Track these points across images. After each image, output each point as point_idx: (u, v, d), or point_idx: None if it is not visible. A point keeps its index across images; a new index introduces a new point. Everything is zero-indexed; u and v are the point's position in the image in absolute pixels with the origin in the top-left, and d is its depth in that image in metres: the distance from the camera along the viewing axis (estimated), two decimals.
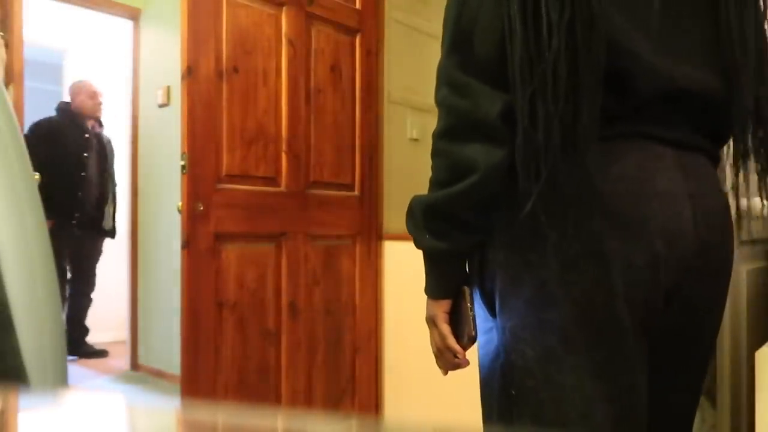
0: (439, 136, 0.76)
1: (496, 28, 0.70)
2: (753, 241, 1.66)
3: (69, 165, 3.47)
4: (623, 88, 0.71)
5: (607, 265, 0.70)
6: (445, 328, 0.83)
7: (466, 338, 0.81)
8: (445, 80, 0.75)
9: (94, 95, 3.66)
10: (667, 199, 0.72)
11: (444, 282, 0.83)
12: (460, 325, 0.82)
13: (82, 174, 3.50)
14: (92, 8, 3.42)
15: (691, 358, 0.83)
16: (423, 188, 1.75)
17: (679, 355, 0.80)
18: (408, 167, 2.61)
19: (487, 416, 0.80)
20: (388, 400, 2.49)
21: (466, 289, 0.82)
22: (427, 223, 0.78)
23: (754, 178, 0.83)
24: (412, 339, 2.39)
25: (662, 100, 0.73)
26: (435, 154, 0.77)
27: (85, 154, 3.52)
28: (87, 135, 3.59)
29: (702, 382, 0.86)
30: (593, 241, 0.70)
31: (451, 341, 0.82)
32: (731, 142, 0.83)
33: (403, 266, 2.44)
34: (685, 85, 0.74)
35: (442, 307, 0.84)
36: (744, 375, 1.57)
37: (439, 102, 0.76)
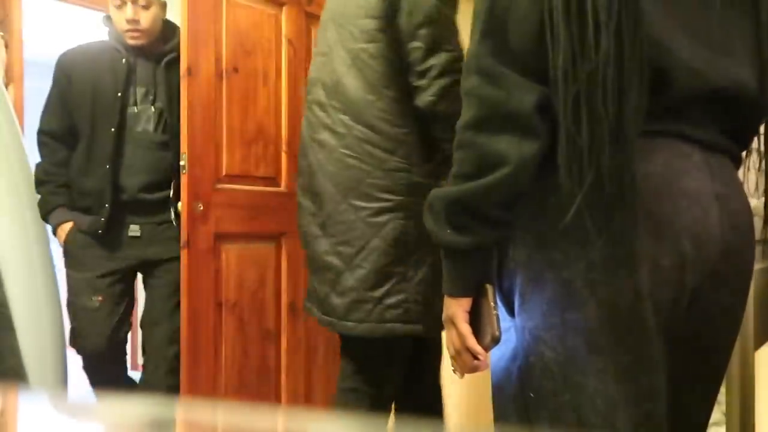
0: (466, 126, 0.73)
1: (533, 19, 0.68)
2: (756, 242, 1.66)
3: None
4: (659, 88, 0.69)
5: (634, 264, 0.68)
6: (466, 328, 0.79)
7: (488, 338, 0.77)
8: (475, 69, 0.72)
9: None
10: (694, 199, 0.71)
11: (464, 279, 0.79)
12: (480, 324, 0.79)
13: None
14: (92, 8, 3.42)
15: (707, 363, 0.81)
16: None
17: (695, 359, 0.78)
18: None
19: (500, 419, 0.78)
20: None
21: (489, 287, 0.78)
22: (450, 217, 0.74)
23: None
24: None
25: (695, 99, 0.71)
26: (459, 145, 0.74)
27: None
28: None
29: (717, 387, 0.84)
30: (621, 240, 0.68)
31: (472, 342, 0.78)
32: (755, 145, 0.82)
33: None
34: (720, 85, 0.72)
35: (462, 305, 0.79)
36: (748, 375, 1.57)
37: (467, 91, 0.73)
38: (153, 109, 1.94)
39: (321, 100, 1.44)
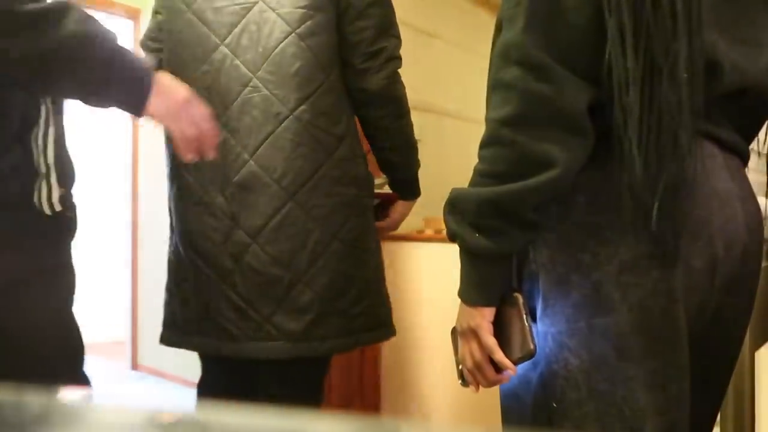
0: (503, 122, 0.66)
1: (586, 8, 0.63)
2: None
3: None
4: (709, 83, 0.66)
5: (669, 266, 0.65)
6: (492, 341, 0.73)
7: (520, 353, 0.72)
8: (519, 60, 0.65)
9: None
10: (724, 200, 0.69)
11: (490, 287, 0.73)
12: (507, 336, 0.74)
13: None
14: (92, 8, 3.42)
15: (714, 367, 0.79)
16: (424, 188, 1.69)
17: (703, 363, 0.76)
18: None
19: (513, 426, 0.75)
20: (388, 401, 2.48)
21: (519, 296, 0.73)
22: (481, 219, 0.69)
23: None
24: (412, 339, 2.39)
25: (722, 96, 0.69)
26: (493, 142, 0.68)
27: None
28: None
29: (724, 389, 0.83)
30: (658, 240, 0.65)
31: (501, 356, 0.73)
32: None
33: (403, 267, 2.44)
34: (759, 80, 0.70)
35: (486, 316, 0.74)
36: (746, 375, 1.57)
37: (507, 83, 0.66)
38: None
39: (252, 74, 1.22)
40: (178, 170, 1.30)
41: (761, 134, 0.82)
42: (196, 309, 1.27)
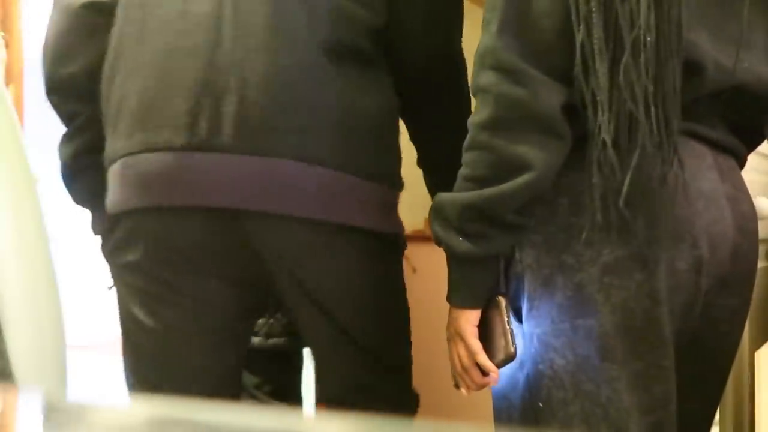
0: (481, 126, 0.67)
1: (557, 13, 0.64)
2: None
3: None
4: (689, 83, 0.66)
5: (651, 268, 0.66)
6: (476, 344, 0.74)
7: (502, 355, 0.72)
8: (493, 64, 0.66)
9: None
10: (710, 201, 0.69)
11: (475, 289, 0.74)
12: (489, 339, 0.75)
13: None
14: None
15: (710, 368, 0.80)
16: (422, 188, 1.70)
17: (698, 364, 0.77)
18: (407, 167, 2.59)
19: (503, 426, 0.76)
20: None
21: (502, 299, 0.73)
22: (464, 224, 0.70)
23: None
24: (411, 338, 2.38)
25: (712, 96, 0.69)
26: (472, 146, 0.69)
27: None
28: None
29: (720, 390, 0.83)
30: (640, 242, 0.65)
31: (483, 359, 0.73)
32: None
33: (403, 267, 2.42)
34: (744, 81, 0.70)
35: (471, 319, 0.75)
36: (746, 375, 1.57)
37: (483, 87, 0.67)
38: None
39: None
40: None
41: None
42: None
